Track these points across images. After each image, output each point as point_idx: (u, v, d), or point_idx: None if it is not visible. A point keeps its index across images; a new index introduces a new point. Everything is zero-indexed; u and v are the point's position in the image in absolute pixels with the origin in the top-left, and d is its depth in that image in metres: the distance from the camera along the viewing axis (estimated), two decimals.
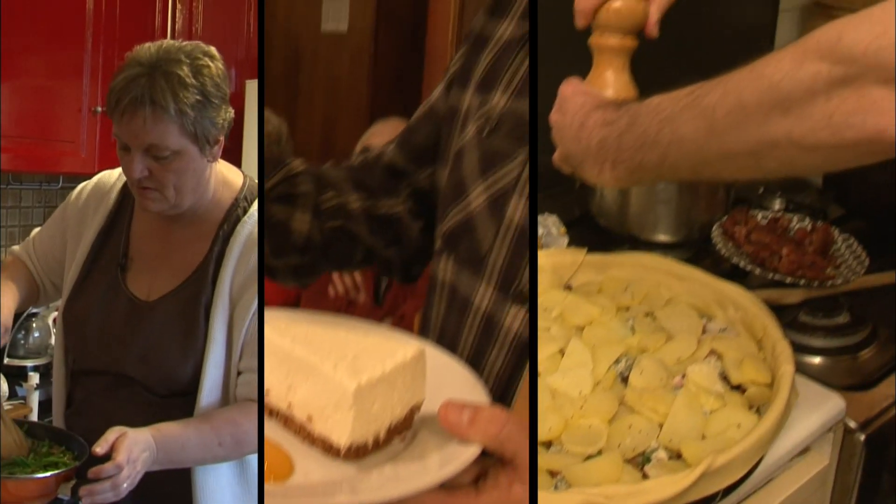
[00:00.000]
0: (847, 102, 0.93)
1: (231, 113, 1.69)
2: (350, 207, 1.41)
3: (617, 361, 1.38)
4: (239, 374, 1.65)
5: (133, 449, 1.51)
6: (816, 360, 1.67)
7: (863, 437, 1.51)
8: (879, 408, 1.56)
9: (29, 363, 3.10)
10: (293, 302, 2.87)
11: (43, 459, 1.60)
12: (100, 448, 1.50)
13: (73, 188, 1.89)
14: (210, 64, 1.65)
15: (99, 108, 3.20)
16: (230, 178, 1.78)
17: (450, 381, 1.03)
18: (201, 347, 1.67)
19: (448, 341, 1.19)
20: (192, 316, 1.68)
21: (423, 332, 1.27)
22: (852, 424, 1.51)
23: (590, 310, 1.47)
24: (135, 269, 1.77)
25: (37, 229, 1.96)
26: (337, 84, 1.87)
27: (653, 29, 1.31)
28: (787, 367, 1.32)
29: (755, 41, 2.56)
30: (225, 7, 3.34)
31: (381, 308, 2.73)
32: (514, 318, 1.13)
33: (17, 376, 2.98)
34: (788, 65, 0.97)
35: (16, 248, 1.96)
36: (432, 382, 0.99)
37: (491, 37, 1.26)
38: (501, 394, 1.13)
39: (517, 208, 1.11)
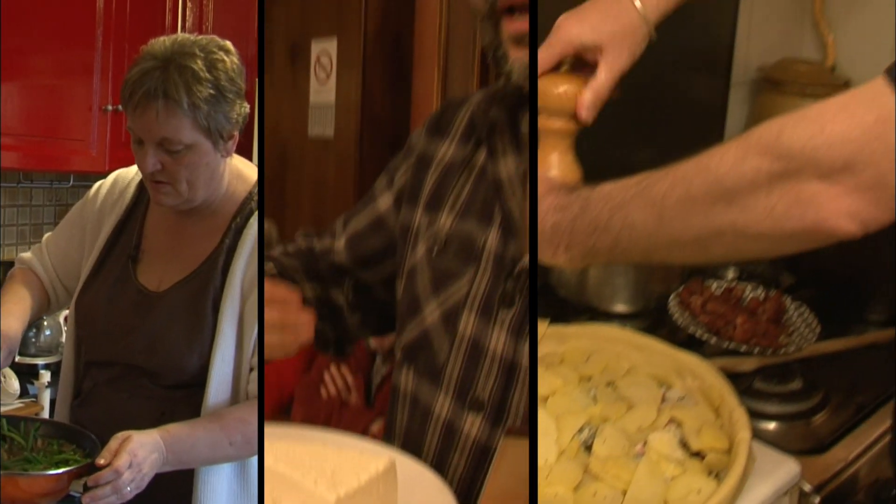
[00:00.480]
0: (787, 196, 0.99)
1: (246, 108, 1.67)
2: (306, 296, 1.47)
3: (580, 430, 1.39)
4: (251, 370, 1.64)
5: (138, 452, 1.52)
6: (771, 425, 1.70)
7: (818, 500, 1.53)
8: (833, 471, 1.59)
9: (40, 361, 3.11)
10: (286, 402, 2.86)
11: (55, 457, 1.62)
12: (102, 459, 1.50)
13: (84, 187, 1.88)
14: (225, 58, 1.63)
15: (109, 107, 3.21)
16: (245, 171, 1.77)
17: (420, 486, 1.09)
18: (208, 339, 1.65)
19: (412, 448, 1.24)
20: (198, 307, 1.67)
21: (388, 439, 1.32)
22: (807, 488, 1.53)
23: (553, 380, 1.48)
24: (146, 261, 1.76)
25: (49, 234, 1.95)
26: (324, 188, 1.92)
27: (583, 112, 1.29)
28: (744, 434, 1.35)
29: (707, 115, 2.54)
30: (236, 4, 3.33)
31: (372, 409, 2.71)
32: (471, 425, 1.20)
33: (28, 374, 2.99)
34: (732, 159, 1.03)
35: (25, 255, 1.94)
36: (404, 488, 1.06)
37: (434, 156, 1.32)
38: (465, 496, 1.18)
39: (468, 322, 1.17)
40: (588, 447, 1.39)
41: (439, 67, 2.20)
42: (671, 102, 1.37)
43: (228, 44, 1.69)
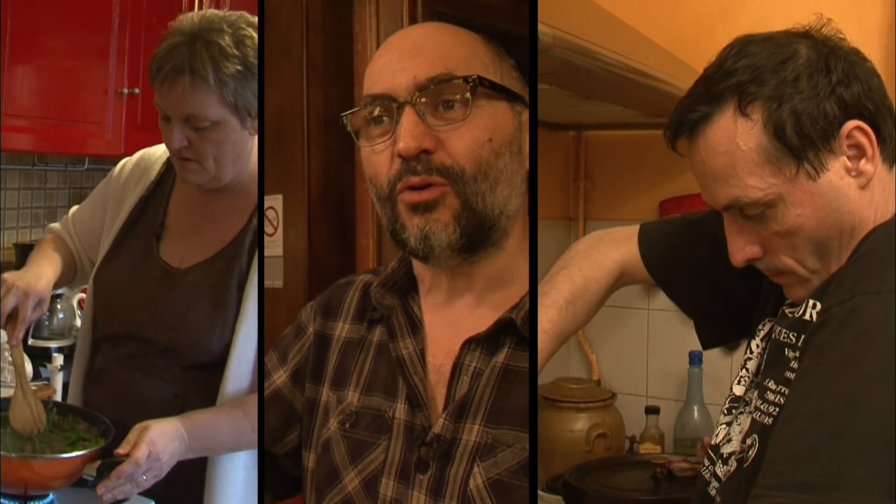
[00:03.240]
0: None
1: None
2: None
3: None
4: None
5: (157, 442, 1.51)
6: None
7: None
8: None
9: (53, 344, 3.11)
10: None
11: (69, 434, 1.63)
12: (122, 449, 1.50)
13: (99, 170, 1.89)
14: (253, 34, 1.62)
15: (125, 90, 3.20)
16: None
17: None
18: (231, 319, 1.65)
19: None
20: (223, 286, 1.66)
21: None
22: None
23: None
24: (169, 238, 1.75)
25: (75, 207, 1.96)
26: (275, 336, 1.97)
27: None
28: None
29: None
30: None
31: None
32: None
33: (41, 357, 2.98)
34: None
35: (54, 224, 1.95)
36: None
37: (332, 336, 1.40)
38: None
39: (388, 487, 1.23)
40: None
41: (374, 224, 2.33)
42: None
43: (257, 20, 1.67)
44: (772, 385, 1.36)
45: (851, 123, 1.28)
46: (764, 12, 2.60)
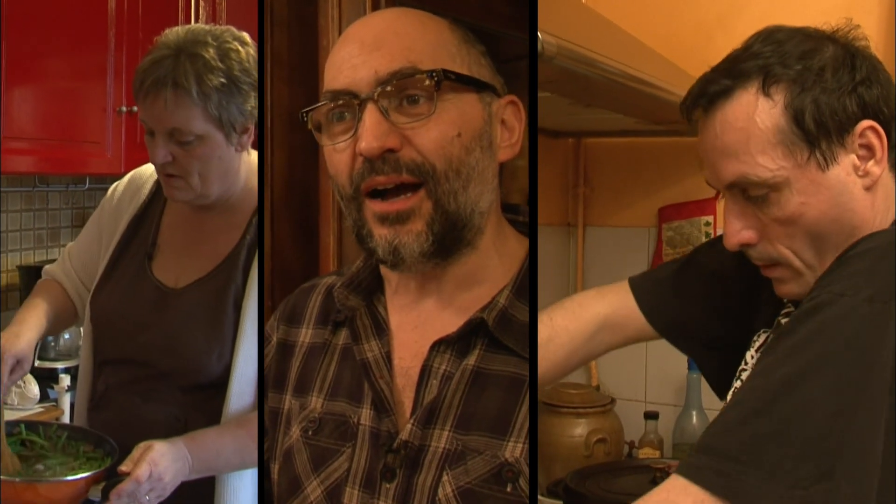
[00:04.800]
0: None
1: None
2: None
3: None
4: None
5: (159, 461, 1.49)
6: None
7: None
8: None
9: (60, 365, 3.10)
10: None
11: (76, 458, 1.62)
12: (125, 467, 1.49)
13: (100, 189, 1.87)
14: (239, 48, 1.60)
15: (124, 108, 3.20)
16: None
17: None
18: (230, 339, 1.62)
19: None
20: (219, 305, 1.64)
21: None
22: None
23: None
24: (163, 258, 1.73)
25: (72, 242, 1.94)
26: None
27: None
28: None
29: None
30: (249, 6, 3.22)
31: None
32: None
33: (48, 378, 2.97)
34: None
35: (50, 266, 1.93)
36: None
37: (295, 342, 1.35)
38: None
39: (352, 497, 1.18)
40: None
41: (336, 222, 2.29)
42: None
43: (245, 35, 1.65)
44: None
45: (866, 123, 1.31)
46: (762, 19, 2.60)
